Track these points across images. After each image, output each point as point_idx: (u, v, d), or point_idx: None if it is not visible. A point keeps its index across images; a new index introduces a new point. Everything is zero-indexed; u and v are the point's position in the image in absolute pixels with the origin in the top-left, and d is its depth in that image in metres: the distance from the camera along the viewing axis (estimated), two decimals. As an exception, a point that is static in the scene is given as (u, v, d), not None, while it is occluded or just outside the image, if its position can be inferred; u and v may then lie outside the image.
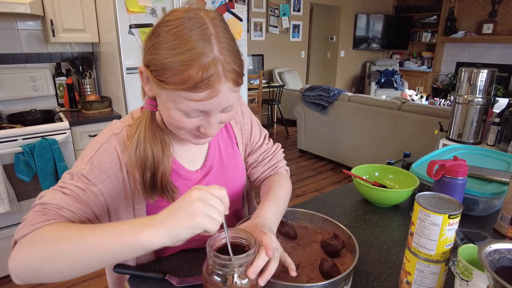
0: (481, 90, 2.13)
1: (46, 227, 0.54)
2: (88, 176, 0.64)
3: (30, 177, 1.89)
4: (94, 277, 2.02)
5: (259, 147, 0.92)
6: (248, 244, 0.55)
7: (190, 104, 0.57)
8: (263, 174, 0.93)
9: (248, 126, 0.90)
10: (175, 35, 0.55)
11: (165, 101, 0.60)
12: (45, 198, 0.60)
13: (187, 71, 0.53)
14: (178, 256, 0.79)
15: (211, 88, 0.55)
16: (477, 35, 6.34)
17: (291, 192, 0.89)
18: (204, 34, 0.55)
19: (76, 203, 0.61)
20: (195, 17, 0.56)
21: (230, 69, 0.56)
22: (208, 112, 0.60)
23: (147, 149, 0.66)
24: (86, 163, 0.65)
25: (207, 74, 0.53)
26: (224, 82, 0.56)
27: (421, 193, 0.65)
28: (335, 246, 0.72)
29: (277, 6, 5.41)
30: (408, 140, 3.11)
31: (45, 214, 0.57)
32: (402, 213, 1.01)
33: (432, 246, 0.59)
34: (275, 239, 0.60)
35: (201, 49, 0.54)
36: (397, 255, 0.80)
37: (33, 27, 2.33)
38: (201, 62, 0.53)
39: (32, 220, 0.56)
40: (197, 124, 0.62)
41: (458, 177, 0.83)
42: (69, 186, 0.62)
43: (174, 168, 0.74)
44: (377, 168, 1.12)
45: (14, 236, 0.56)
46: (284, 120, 5.30)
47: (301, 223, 0.84)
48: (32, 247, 0.52)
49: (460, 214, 0.58)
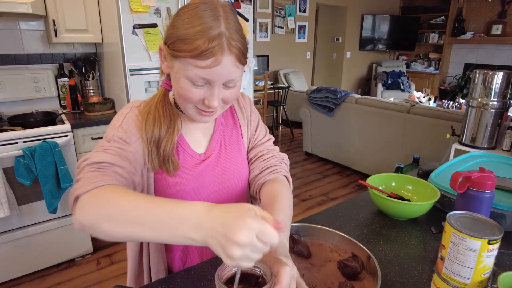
0: (496, 93, 2.05)
1: (106, 187, 0.59)
2: (123, 137, 0.71)
3: (31, 181, 1.84)
4: (113, 277, 1.98)
5: (262, 144, 0.92)
6: (263, 275, 0.49)
7: (196, 71, 0.64)
8: (260, 175, 0.86)
9: (255, 123, 0.93)
10: (190, 14, 0.65)
11: (176, 71, 0.68)
12: (94, 157, 0.65)
13: (196, 41, 0.63)
14: (185, 276, 0.73)
15: (214, 57, 0.63)
16: (486, 36, 6.23)
17: (292, 200, 0.82)
18: (215, 14, 0.65)
19: (123, 160, 0.67)
20: (209, 3, 0.66)
21: (234, 45, 0.65)
22: (212, 81, 0.66)
23: (156, 119, 0.73)
24: (117, 128, 0.72)
25: (212, 44, 0.62)
26: (227, 54, 0.64)
27: (453, 212, 0.58)
28: (354, 268, 0.65)
29: (282, 7, 5.35)
30: (417, 143, 3.04)
31: (104, 174, 0.62)
32: (421, 227, 0.94)
33: (467, 274, 0.53)
34: (291, 266, 0.54)
35: (210, 24, 0.63)
36: (420, 276, 0.73)
37: (35, 27, 2.29)
38: (208, 34, 0.63)
39: (92, 178, 0.60)
40: (202, 95, 0.68)
41: (485, 190, 0.77)
42: (111, 147, 0.68)
43: (179, 143, 0.80)
44: (393, 177, 1.06)
45: (74, 192, 0.59)
46: (289, 122, 5.23)
47: (314, 239, 0.78)
48: (94, 204, 0.56)
49: (500, 239, 0.52)
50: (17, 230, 1.91)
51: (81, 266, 2.13)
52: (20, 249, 1.94)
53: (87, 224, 0.55)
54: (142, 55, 2.03)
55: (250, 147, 0.92)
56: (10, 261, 1.93)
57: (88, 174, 0.61)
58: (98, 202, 0.56)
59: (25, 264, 1.99)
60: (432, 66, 7.17)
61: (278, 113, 5.50)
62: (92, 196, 0.57)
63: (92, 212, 0.55)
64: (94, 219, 0.55)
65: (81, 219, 0.56)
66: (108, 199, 0.56)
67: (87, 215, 0.55)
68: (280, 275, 0.51)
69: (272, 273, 0.50)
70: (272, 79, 5.52)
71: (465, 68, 6.70)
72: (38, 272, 2.05)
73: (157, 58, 2.07)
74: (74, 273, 2.07)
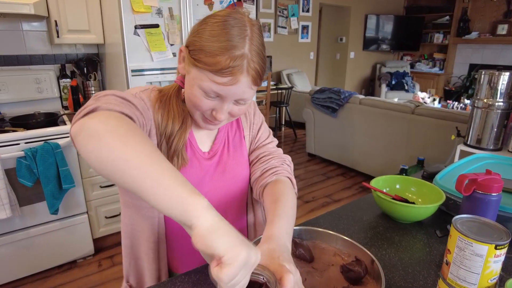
0: (502, 93, 2.02)
1: (123, 118, 0.55)
2: (132, 100, 0.65)
3: (33, 182, 1.84)
4: (115, 279, 1.97)
5: (263, 146, 0.91)
6: (267, 282, 0.47)
7: (211, 85, 0.65)
8: (261, 177, 0.85)
9: (257, 125, 0.93)
10: (219, 26, 0.65)
11: (192, 78, 0.68)
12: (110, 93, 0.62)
13: (218, 56, 0.63)
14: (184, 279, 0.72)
15: (233, 76, 0.64)
16: (492, 36, 6.17)
17: (296, 201, 0.81)
18: (242, 33, 0.65)
19: (142, 102, 0.71)
20: (239, 19, 0.66)
21: (253, 67, 0.66)
22: (224, 97, 0.67)
23: (170, 114, 0.75)
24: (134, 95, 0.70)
25: (234, 64, 0.63)
26: (245, 75, 0.65)
27: (459, 216, 0.56)
28: (358, 273, 0.64)
29: (285, 7, 5.33)
30: (422, 145, 3.00)
31: (130, 106, 0.63)
32: (426, 230, 0.92)
33: (474, 280, 0.51)
34: (294, 272, 0.53)
35: (235, 43, 0.63)
36: (425, 281, 0.71)
37: (38, 28, 2.29)
38: (232, 53, 0.63)
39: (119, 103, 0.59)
40: (211, 106, 0.69)
41: (492, 193, 0.75)
42: (131, 98, 0.65)
43: (189, 139, 0.81)
44: (398, 179, 1.04)
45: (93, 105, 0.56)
46: (292, 123, 5.21)
47: (317, 243, 0.76)
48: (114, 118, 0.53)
49: (508, 244, 0.50)
50: (19, 231, 1.91)
51: (82, 267, 2.13)
52: (21, 250, 1.94)
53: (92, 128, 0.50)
54: (144, 55, 2.02)
55: (252, 149, 0.91)
56: (11, 262, 1.92)
57: (114, 98, 0.60)
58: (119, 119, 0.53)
59: (27, 265, 1.98)
60: (437, 66, 7.12)
61: (281, 114, 5.48)
62: (113, 114, 0.54)
63: (110, 122, 0.51)
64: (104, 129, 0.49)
65: (90, 122, 0.51)
66: (128, 125, 0.52)
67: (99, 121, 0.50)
68: (283, 282, 0.50)
69: (276, 281, 0.48)
70: (275, 80, 5.51)
71: (470, 69, 6.64)
72: (39, 274, 2.05)
73: (158, 58, 2.06)
74: (75, 274, 2.06)
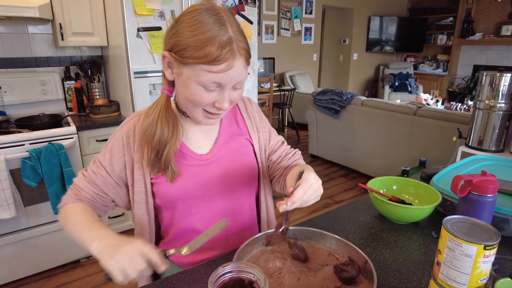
0: (504, 95, 2.01)
1: (70, 205, 0.80)
2: (101, 161, 0.82)
3: (37, 182, 1.87)
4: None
5: (279, 147, 0.97)
6: (257, 280, 0.48)
7: (209, 76, 0.67)
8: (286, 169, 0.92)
9: (266, 129, 0.95)
10: (196, 20, 0.67)
11: (186, 77, 0.70)
12: (75, 179, 0.84)
13: (207, 47, 0.65)
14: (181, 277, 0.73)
15: (227, 61, 0.66)
16: (496, 37, 6.13)
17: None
18: (219, 19, 0.67)
19: (89, 185, 0.81)
20: (211, 9, 0.68)
21: (242, 47, 0.69)
22: (223, 85, 0.69)
23: (158, 126, 0.75)
24: (104, 149, 0.83)
25: (225, 50, 0.65)
26: (238, 57, 0.68)
27: (450, 217, 0.57)
28: (351, 273, 0.65)
29: (288, 9, 5.35)
30: (424, 146, 3.00)
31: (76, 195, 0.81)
32: (422, 231, 0.92)
33: (463, 280, 0.52)
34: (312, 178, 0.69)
35: (218, 30, 0.66)
36: (418, 281, 0.72)
37: (43, 30, 2.32)
38: (219, 40, 0.65)
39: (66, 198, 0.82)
40: (213, 99, 0.71)
41: (487, 194, 0.75)
42: (88, 170, 0.83)
43: (181, 150, 0.82)
44: (395, 180, 1.04)
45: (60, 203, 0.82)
46: (295, 124, 5.21)
47: (312, 243, 0.77)
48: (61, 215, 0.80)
49: (497, 245, 0.50)
50: (23, 231, 1.94)
51: (86, 267, 2.15)
52: (25, 249, 1.96)
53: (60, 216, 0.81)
54: (146, 57, 2.04)
55: (268, 153, 0.95)
56: (15, 262, 1.95)
57: (68, 193, 0.83)
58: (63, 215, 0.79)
59: (31, 265, 2.01)
60: (440, 67, 7.09)
61: (283, 115, 5.48)
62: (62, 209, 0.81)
63: (60, 220, 0.80)
64: (62, 224, 0.79)
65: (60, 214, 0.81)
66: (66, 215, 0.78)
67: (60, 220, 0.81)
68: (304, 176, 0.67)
69: (265, 278, 0.49)
70: (278, 81, 5.52)
71: (474, 70, 6.60)
72: (43, 273, 2.07)
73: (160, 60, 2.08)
74: (79, 274, 2.09)
